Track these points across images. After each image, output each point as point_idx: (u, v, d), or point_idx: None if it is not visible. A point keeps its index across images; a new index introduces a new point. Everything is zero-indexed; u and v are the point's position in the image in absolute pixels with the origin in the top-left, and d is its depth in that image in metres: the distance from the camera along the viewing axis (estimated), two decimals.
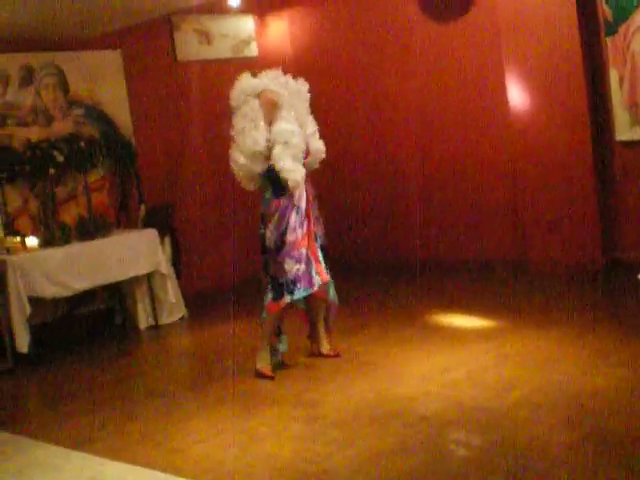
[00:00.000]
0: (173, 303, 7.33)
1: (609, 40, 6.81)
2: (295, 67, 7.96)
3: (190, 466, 4.23)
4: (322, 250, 5.53)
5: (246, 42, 8.66)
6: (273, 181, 5.33)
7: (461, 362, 5.26)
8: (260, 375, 5.43)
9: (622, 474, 3.55)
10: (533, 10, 7.02)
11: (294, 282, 5.34)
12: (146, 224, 7.37)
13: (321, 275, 5.45)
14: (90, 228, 7.05)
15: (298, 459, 4.14)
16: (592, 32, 6.91)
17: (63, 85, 7.41)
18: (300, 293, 5.38)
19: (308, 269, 5.38)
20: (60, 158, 7.02)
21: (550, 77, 7.03)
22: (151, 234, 7.22)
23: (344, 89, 8.47)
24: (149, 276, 7.26)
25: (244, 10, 8.57)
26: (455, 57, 7.73)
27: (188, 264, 7.87)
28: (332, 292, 5.63)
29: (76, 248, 6.85)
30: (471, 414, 4.41)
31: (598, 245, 6.97)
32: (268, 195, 5.39)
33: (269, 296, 5.38)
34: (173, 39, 8.17)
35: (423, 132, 8.04)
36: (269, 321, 5.44)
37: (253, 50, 8.72)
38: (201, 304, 7.73)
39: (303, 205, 5.40)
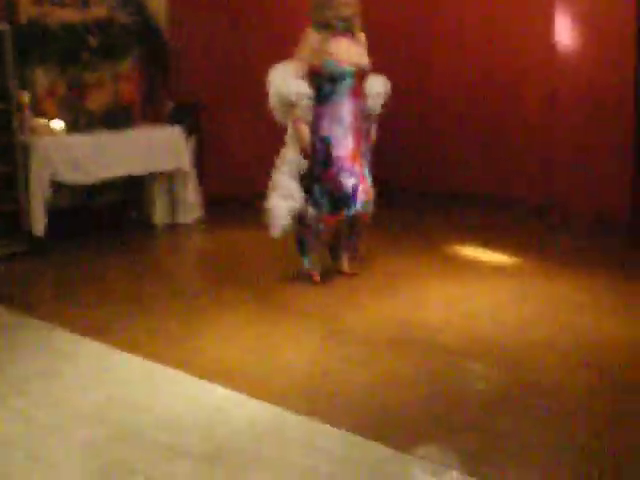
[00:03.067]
0: (191, 203, 7.27)
1: None
2: None
3: (204, 367, 4.22)
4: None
5: None
6: (316, 86, 5.33)
7: (482, 294, 5.23)
8: (309, 275, 5.51)
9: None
10: None
11: (350, 196, 5.35)
12: (173, 121, 7.25)
13: (367, 193, 5.45)
14: (116, 118, 6.94)
15: (314, 372, 4.14)
16: None
17: None
18: (355, 207, 5.39)
19: (359, 185, 5.38)
20: (93, 43, 6.86)
21: (599, 15, 6.81)
22: (177, 131, 7.11)
23: (391, 17, 8.25)
24: (171, 173, 7.18)
25: None
26: None
27: (211, 166, 7.76)
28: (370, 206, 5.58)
29: (100, 137, 6.74)
30: (488, 348, 4.40)
31: (627, 193, 6.84)
32: (313, 100, 5.35)
33: (323, 210, 5.36)
34: None
35: (468, 62, 7.85)
36: (325, 233, 5.47)
37: None
38: (219, 209, 7.64)
39: (347, 118, 5.34)
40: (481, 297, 5.19)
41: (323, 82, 5.33)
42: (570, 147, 7.13)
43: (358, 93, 5.39)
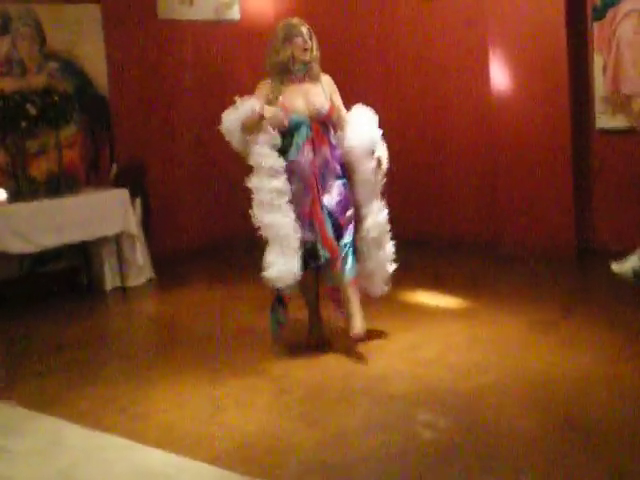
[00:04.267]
0: (141, 265, 7.23)
1: (596, 25, 6.76)
2: None
3: (153, 434, 4.16)
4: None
5: (229, 5, 8.50)
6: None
7: (432, 341, 5.23)
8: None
9: (588, 462, 3.55)
10: None
11: (314, 248, 4.97)
12: (117, 183, 7.24)
13: (330, 249, 4.96)
14: (60, 185, 6.92)
15: (263, 434, 4.09)
16: (579, 16, 6.85)
17: (40, 37, 7.21)
18: (324, 256, 4.94)
19: (318, 239, 4.97)
20: (33, 111, 6.83)
21: (534, 59, 6.97)
22: (121, 194, 7.09)
23: (324, 60, 8.31)
24: (117, 237, 7.14)
25: None
26: (440, 35, 7.64)
27: (159, 226, 7.76)
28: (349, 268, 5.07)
29: (45, 204, 6.71)
30: (439, 395, 4.39)
31: (572, 231, 6.96)
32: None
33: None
34: None
35: (402, 109, 7.95)
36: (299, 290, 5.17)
37: (235, 13, 8.57)
38: (170, 267, 7.62)
39: (306, 172, 4.95)
40: (432, 343, 5.19)
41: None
42: (513, 187, 7.22)
43: (321, 143, 5.01)
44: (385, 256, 5.21)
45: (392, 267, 5.24)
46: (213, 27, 8.39)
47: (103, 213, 6.96)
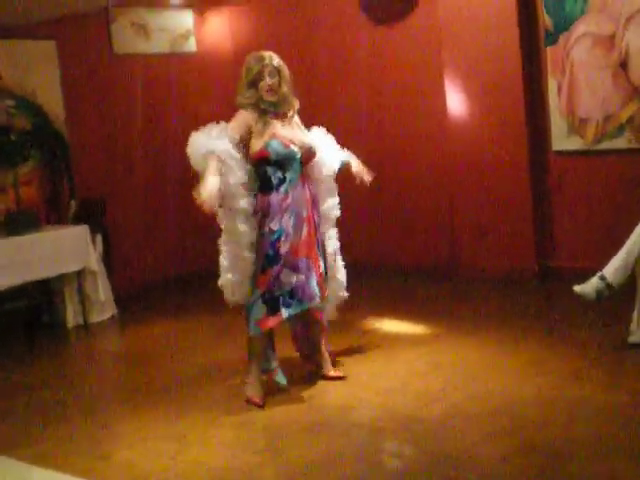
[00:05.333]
0: (103, 301, 7.17)
1: (549, 49, 6.85)
2: (234, 65, 7.83)
3: (116, 474, 4.11)
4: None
5: (185, 37, 8.53)
6: (260, 173, 4.81)
7: (393, 369, 5.22)
8: (251, 403, 4.80)
9: None
10: (474, 16, 7.04)
11: (291, 295, 4.77)
12: (77, 220, 7.20)
13: (322, 289, 4.93)
14: (18, 223, 6.86)
15: (227, 468, 4.05)
16: (532, 41, 6.94)
17: None
18: (297, 307, 4.79)
19: (308, 281, 4.80)
20: None
21: (489, 84, 7.05)
22: (81, 230, 7.05)
23: None
24: (79, 273, 7.08)
25: (183, 4, 8.45)
26: (395, 59, 7.70)
27: (120, 261, 7.71)
28: (330, 309, 5.15)
29: (3, 242, 6.64)
30: (403, 423, 4.38)
31: (531, 253, 7.01)
32: (256, 189, 4.82)
33: (262, 310, 4.75)
34: (110, 31, 8.00)
35: (359, 133, 7.98)
36: (260, 339, 4.84)
37: (192, 45, 8.59)
38: (133, 302, 7.58)
39: (302, 207, 4.81)
40: (393, 370, 5.18)
41: (269, 168, 4.76)
42: (471, 209, 7.27)
43: (308, 178, 4.94)
44: (339, 283, 5.19)
45: (345, 294, 5.23)
46: (169, 60, 8.40)
47: (63, 250, 6.91)
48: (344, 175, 5.21)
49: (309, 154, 4.91)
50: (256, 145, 4.76)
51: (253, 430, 4.50)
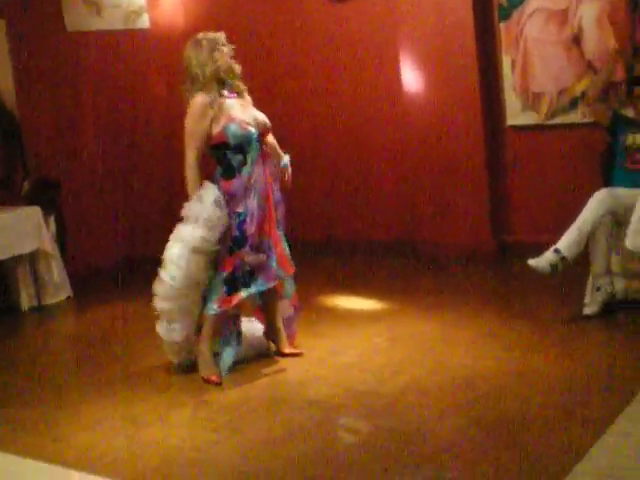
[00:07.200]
0: (57, 283, 7.07)
1: (503, 25, 6.86)
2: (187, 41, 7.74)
3: (75, 455, 4.07)
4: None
5: (137, 13, 8.38)
6: (220, 158, 4.76)
7: (351, 345, 5.22)
8: (207, 382, 4.76)
9: (510, 457, 3.59)
10: None
11: (252, 274, 4.78)
12: (30, 201, 7.08)
13: (285, 267, 4.92)
14: None
15: (185, 447, 4.04)
16: (486, 16, 6.94)
17: None
18: (258, 287, 4.81)
19: (269, 261, 4.81)
20: None
21: (444, 60, 7.04)
22: (33, 211, 6.93)
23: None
24: (32, 255, 6.98)
25: None
26: (351, 36, 7.65)
27: (75, 243, 7.60)
28: (290, 287, 5.08)
29: None
30: (361, 399, 4.39)
31: (488, 229, 7.05)
32: (218, 175, 4.76)
33: (222, 290, 4.73)
34: (61, 8, 7.85)
35: (316, 111, 7.95)
36: (218, 318, 4.80)
37: (145, 22, 8.46)
38: (89, 284, 7.46)
39: (262, 187, 4.76)
40: (351, 347, 5.18)
41: (229, 152, 4.70)
42: (428, 186, 7.28)
43: (267, 155, 4.85)
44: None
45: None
46: (123, 37, 8.27)
47: (16, 231, 6.78)
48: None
49: (265, 130, 4.86)
50: (213, 130, 4.70)
51: (210, 409, 4.48)
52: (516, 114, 6.88)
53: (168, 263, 4.74)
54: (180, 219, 4.77)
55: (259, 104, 5.07)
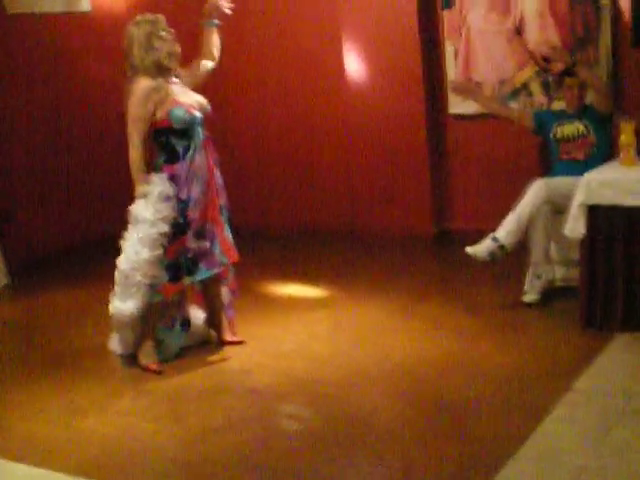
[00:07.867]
0: None
1: (445, 13, 6.88)
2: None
3: (14, 446, 4.02)
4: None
5: None
6: (162, 143, 4.67)
7: (294, 332, 5.22)
8: (147, 370, 4.73)
9: (452, 443, 3.63)
10: None
11: (195, 262, 4.76)
12: None
13: (228, 254, 4.86)
14: None
15: (124, 436, 4.01)
16: (430, 4, 6.96)
17: None
18: (201, 274, 4.79)
19: (212, 247, 4.79)
20: None
21: (387, 47, 7.05)
22: None
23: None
24: None
25: None
26: (293, 24, 7.61)
27: (14, 229, 7.45)
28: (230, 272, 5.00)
29: None
30: (303, 386, 4.40)
31: (429, 216, 7.10)
32: (160, 161, 4.69)
33: (164, 277, 4.66)
34: None
35: (257, 98, 7.91)
36: (159, 305, 4.75)
37: (86, 5, 8.31)
38: (28, 272, 7.31)
39: (205, 173, 4.70)
40: (293, 334, 5.18)
41: (173, 137, 4.63)
42: (370, 173, 7.30)
43: (210, 141, 4.78)
44: None
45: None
46: (63, 20, 8.11)
47: None
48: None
49: (206, 113, 4.79)
50: (157, 114, 4.60)
51: (151, 398, 4.44)
52: (458, 102, 6.91)
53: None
54: (126, 204, 4.70)
55: (198, 90, 5.01)
